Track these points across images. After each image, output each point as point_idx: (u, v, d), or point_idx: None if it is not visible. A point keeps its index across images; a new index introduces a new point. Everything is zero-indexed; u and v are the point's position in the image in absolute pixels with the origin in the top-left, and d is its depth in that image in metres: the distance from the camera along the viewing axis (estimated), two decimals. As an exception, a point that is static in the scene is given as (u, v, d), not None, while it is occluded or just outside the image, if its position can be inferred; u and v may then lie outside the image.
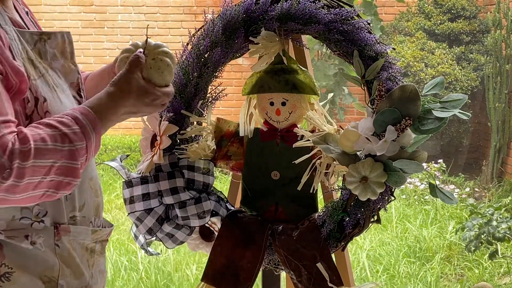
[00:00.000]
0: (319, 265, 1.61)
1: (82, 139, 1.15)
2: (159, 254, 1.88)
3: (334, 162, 1.62)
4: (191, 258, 4.07)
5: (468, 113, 1.50)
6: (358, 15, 1.60)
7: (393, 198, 1.60)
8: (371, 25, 1.61)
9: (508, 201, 4.86)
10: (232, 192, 1.94)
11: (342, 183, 1.61)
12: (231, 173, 1.90)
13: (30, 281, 1.18)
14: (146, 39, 1.36)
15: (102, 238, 1.37)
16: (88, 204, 1.33)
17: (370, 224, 1.63)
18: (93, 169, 1.38)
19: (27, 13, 1.38)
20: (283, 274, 1.86)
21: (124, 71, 1.27)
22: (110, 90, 1.25)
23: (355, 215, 1.61)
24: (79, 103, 1.32)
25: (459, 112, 1.46)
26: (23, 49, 1.20)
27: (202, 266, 3.92)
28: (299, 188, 1.66)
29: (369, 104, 1.54)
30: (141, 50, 1.33)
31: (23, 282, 1.17)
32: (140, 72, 1.28)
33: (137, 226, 1.72)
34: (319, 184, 1.69)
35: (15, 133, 1.08)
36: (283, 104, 1.69)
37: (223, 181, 5.81)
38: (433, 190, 1.52)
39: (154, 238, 1.74)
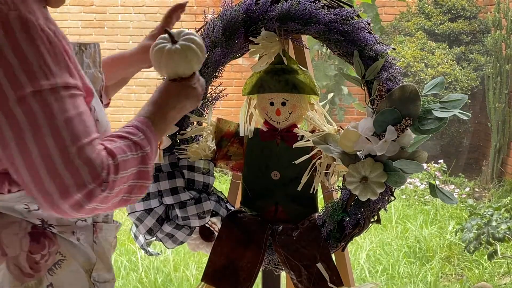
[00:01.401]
0: (319, 265, 1.61)
1: (147, 144, 1.22)
2: (159, 254, 1.88)
3: (334, 162, 1.62)
4: (191, 258, 4.07)
5: (468, 113, 1.50)
6: (358, 15, 1.60)
7: (393, 198, 1.60)
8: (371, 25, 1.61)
9: (508, 201, 4.86)
10: (232, 192, 1.94)
11: (342, 183, 1.61)
12: (230, 173, 1.90)
13: (77, 270, 1.25)
14: (168, 31, 1.36)
15: (116, 234, 1.45)
16: None
17: (370, 224, 1.63)
18: None
19: None
20: (283, 274, 1.86)
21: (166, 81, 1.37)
22: (156, 97, 1.33)
23: (355, 215, 1.61)
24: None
25: (459, 112, 1.46)
26: None
27: (202, 266, 3.92)
28: (299, 188, 1.66)
29: (369, 104, 1.54)
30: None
31: (72, 269, 1.24)
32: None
33: (137, 226, 1.72)
34: (319, 184, 1.69)
35: (103, 148, 1.14)
36: (283, 104, 1.69)
37: (223, 181, 5.81)
38: (433, 190, 1.52)
39: (154, 238, 1.74)
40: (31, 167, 1.07)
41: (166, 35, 1.36)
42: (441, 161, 6.14)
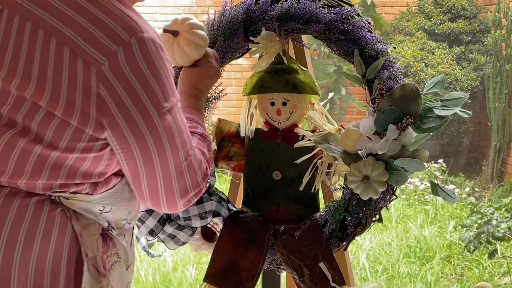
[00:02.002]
0: (321, 264, 1.60)
1: (205, 132, 1.38)
2: (160, 256, 1.87)
3: (336, 161, 1.61)
4: (190, 259, 4.07)
5: (468, 112, 1.50)
6: (358, 14, 1.60)
7: (394, 197, 1.60)
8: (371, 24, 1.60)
9: (508, 201, 4.86)
10: (232, 192, 1.93)
11: (344, 182, 1.60)
12: (230, 173, 1.90)
13: (124, 271, 1.30)
14: (166, 30, 1.46)
15: None
16: None
17: (372, 223, 1.62)
18: None
19: None
20: (283, 274, 1.86)
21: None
22: (184, 88, 1.47)
23: (357, 214, 1.60)
24: None
25: (460, 111, 1.46)
26: None
27: (201, 267, 3.92)
28: (301, 188, 1.66)
29: (370, 103, 1.53)
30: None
31: (120, 270, 1.28)
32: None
33: (138, 228, 1.72)
34: (320, 183, 1.68)
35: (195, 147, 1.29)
36: (284, 104, 1.69)
37: (222, 181, 5.80)
38: (435, 188, 1.52)
39: (156, 239, 1.74)
40: (166, 173, 1.20)
41: (166, 34, 1.45)
42: (441, 160, 6.14)
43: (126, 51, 1.10)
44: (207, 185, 1.30)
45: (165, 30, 1.45)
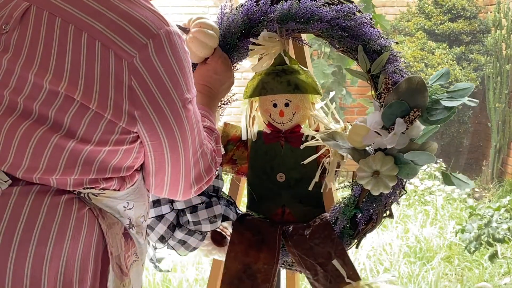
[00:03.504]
0: (335, 262, 1.58)
1: (215, 125, 1.44)
2: (169, 271, 1.85)
3: (344, 160, 1.60)
4: (190, 260, 4.05)
5: (475, 100, 1.49)
6: (359, 11, 1.59)
7: (404, 191, 1.58)
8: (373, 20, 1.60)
9: (508, 201, 4.85)
10: (232, 193, 1.90)
11: (353, 179, 1.58)
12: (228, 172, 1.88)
13: (141, 269, 1.33)
14: (179, 26, 1.54)
15: None
16: None
17: (383, 219, 1.61)
18: None
19: None
20: (283, 275, 1.84)
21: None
22: (198, 87, 1.49)
23: (368, 211, 1.59)
24: None
25: (468, 100, 1.46)
26: None
27: (201, 267, 3.91)
28: (310, 188, 1.64)
29: (376, 98, 1.52)
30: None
31: (138, 269, 1.31)
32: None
33: (148, 235, 1.69)
34: (331, 182, 1.66)
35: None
36: (286, 105, 1.67)
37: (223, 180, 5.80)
38: (447, 178, 1.51)
39: (166, 246, 1.72)
40: (188, 162, 1.25)
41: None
42: (441, 160, 6.14)
43: (156, 43, 1.12)
44: (216, 173, 1.35)
45: (177, 26, 1.50)
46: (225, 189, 1.79)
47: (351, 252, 3.89)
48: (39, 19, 1.13)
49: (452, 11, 6.84)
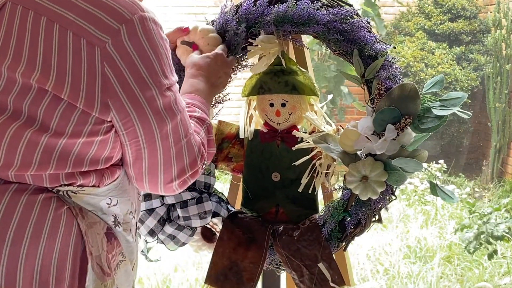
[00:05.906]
0: (320, 265, 1.60)
1: (207, 116, 1.39)
2: (158, 260, 1.87)
3: (334, 162, 1.61)
4: (190, 260, 4.07)
5: (468, 112, 1.49)
6: (357, 14, 1.59)
7: (394, 197, 1.59)
8: (371, 24, 1.59)
9: (507, 201, 4.85)
10: (232, 193, 1.93)
11: (343, 182, 1.60)
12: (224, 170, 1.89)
13: (130, 269, 1.30)
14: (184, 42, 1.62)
15: None
16: None
17: (372, 224, 1.62)
18: None
19: None
20: (283, 274, 1.86)
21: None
22: (192, 71, 1.51)
23: (356, 215, 1.60)
24: None
25: (458, 111, 1.46)
26: None
27: (201, 267, 3.92)
28: (300, 189, 1.65)
29: (369, 103, 1.53)
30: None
31: (126, 269, 1.28)
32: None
33: (138, 228, 1.71)
34: (320, 185, 1.68)
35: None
36: (283, 105, 1.68)
37: (223, 180, 5.80)
38: (434, 188, 1.51)
39: (156, 240, 1.73)
40: (167, 151, 1.21)
41: (183, 45, 1.63)
42: (441, 161, 6.14)
43: (129, 28, 1.12)
44: (203, 167, 1.30)
45: (182, 42, 1.61)
46: (225, 189, 1.80)
47: (351, 254, 3.90)
48: (13, 14, 1.14)
49: (452, 11, 6.83)
